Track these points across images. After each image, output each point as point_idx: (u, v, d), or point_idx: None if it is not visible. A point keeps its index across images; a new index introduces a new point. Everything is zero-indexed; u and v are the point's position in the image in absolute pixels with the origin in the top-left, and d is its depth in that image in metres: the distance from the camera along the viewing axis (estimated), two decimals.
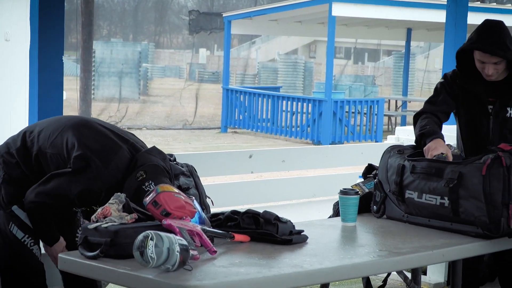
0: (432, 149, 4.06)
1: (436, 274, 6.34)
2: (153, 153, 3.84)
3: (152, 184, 3.62)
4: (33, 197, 3.78)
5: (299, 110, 18.89)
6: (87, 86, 20.02)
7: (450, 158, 3.99)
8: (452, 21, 7.10)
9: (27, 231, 3.90)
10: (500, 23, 4.23)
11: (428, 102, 4.47)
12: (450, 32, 7.11)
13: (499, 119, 4.21)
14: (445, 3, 7.32)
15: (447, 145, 4.26)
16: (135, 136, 4.04)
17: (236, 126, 20.34)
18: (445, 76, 4.42)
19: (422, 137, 4.22)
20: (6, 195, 3.90)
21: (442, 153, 4.01)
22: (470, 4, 7.40)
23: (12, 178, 3.91)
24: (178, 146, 16.01)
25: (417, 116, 4.45)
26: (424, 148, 4.13)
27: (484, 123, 4.26)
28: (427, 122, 4.30)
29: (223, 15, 22.43)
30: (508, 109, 4.19)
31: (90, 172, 3.73)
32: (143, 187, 3.64)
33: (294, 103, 19.21)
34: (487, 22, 4.26)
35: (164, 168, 3.78)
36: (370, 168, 4.58)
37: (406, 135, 6.48)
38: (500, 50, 4.09)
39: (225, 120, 20.39)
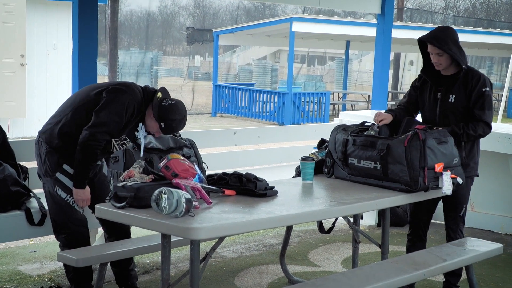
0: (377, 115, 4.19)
1: (370, 219, 6.38)
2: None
3: (169, 100, 3.82)
4: (91, 129, 3.69)
5: (268, 100, 18.86)
6: None
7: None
8: (380, 35, 7.07)
9: (69, 192, 3.84)
10: (448, 28, 4.15)
11: (404, 96, 4.50)
12: (379, 43, 7.07)
13: (444, 102, 4.18)
14: (375, 22, 7.29)
15: (372, 124, 4.24)
16: None
17: (222, 112, 20.26)
18: (414, 80, 4.43)
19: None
20: (50, 164, 3.83)
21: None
22: (393, 23, 7.35)
23: (53, 149, 3.82)
24: None
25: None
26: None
27: (433, 105, 4.22)
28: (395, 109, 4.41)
29: (213, 31, 22.27)
30: (450, 95, 4.15)
31: (123, 93, 3.77)
32: (163, 103, 3.80)
33: (265, 95, 19.19)
34: (439, 26, 4.19)
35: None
36: (322, 142, 4.56)
37: (347, 118, 6.45)
38: (437, 43, 4.03)
39: (214, 107, 20.31)
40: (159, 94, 3.84)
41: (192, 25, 51.52)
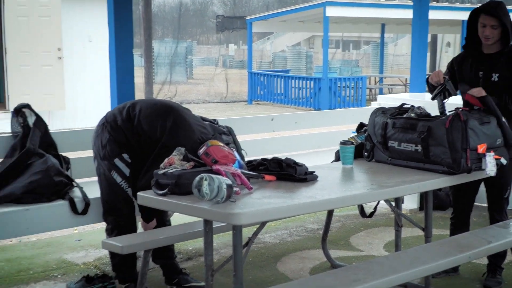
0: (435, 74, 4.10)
1: (411, 202, 6.32)
2: (217, 137, 3.85)
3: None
4: (144, 182, 3.65)
5: (304, 86, 18.83)
6: (149, 74, 19.94)
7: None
8: (417, 17, 7.00)
9: (124, 178, 3.92)
10: (502, 2, 4.11)
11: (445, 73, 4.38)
12: (416, 25, 7.01)
13: (486, 82, 4.11)
14: (411, 3, 7.21)
15: (412, 106, 4.18)
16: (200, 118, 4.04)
17: (258, 99, 20.29)
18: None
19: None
20: (110, 151, 3.91)
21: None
22: (429, 4, 7.27)
23: (116, 140, 3.91)
24: (217, 115, 15.99)
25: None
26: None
27: (475, 85, 4.14)
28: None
29: (246, 18, 22.25)
30: (493, 74, 4.10)
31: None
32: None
33: (300, 81, 19.16)
34: (491, 1, 4.12)
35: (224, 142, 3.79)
36: (361, 125, 4.52)
37: (385, 101, 6.39)
38: (496, 13, 3.99)
39: (250, 95, 20.34)
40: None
41: (223, 13, 51.44)
